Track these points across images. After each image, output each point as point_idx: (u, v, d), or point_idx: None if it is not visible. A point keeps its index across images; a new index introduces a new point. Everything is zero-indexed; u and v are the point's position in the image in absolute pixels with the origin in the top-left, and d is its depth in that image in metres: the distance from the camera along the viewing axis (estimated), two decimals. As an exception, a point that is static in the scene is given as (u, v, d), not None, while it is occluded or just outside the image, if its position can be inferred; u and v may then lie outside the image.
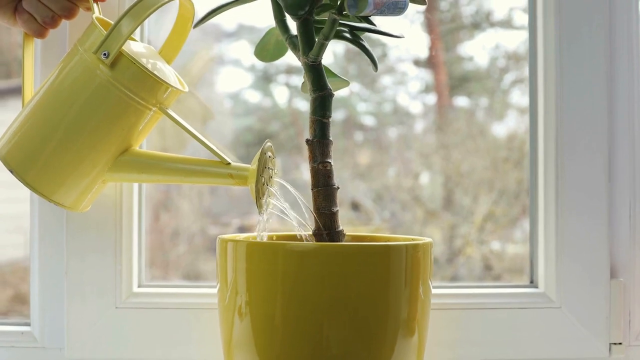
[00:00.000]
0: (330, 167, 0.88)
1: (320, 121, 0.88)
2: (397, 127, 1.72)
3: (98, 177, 0.99)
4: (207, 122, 1.53)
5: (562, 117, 1.13)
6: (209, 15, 0.91)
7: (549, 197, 1.14)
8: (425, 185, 1.70)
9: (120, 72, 0.93)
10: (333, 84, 0.92)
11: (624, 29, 1.14)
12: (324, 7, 0.84)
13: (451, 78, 1.70)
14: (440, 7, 1.71)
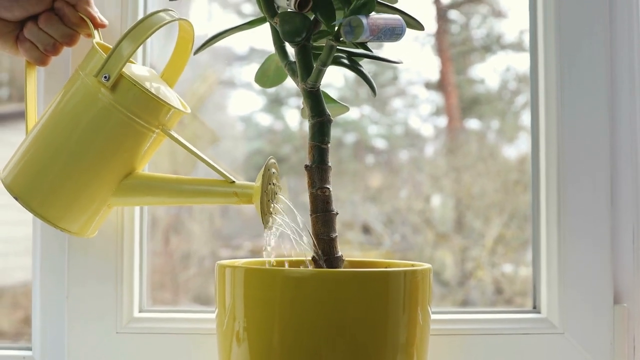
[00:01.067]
0: (329, 193, 0.88)
1: (319, 147, 0.88)
2: (408, 149, 1.72)
3: (103, 202, 0.99)
4: (213, 144, 1.54)
5: (564, 142, 1.12)
6: (208, 42, 0.91)
7: (551, 222, 1.14)
8: (436, 208, 1.70)
9: (122, 94, 0.93)
10: (332, 109, 0.92)
11: (625, 52, 1.14)
12: (321, 33, 0.85)
13: (462, 100, 1.70)
14: (451, 30, 1.72)
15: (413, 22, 0.89)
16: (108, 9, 1.11)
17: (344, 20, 0.79)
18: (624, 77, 1.14)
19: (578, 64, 1.12)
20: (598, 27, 1.13)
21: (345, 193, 1.66)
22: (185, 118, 1.02)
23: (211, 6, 1.63)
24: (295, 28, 0.82)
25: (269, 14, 0.85)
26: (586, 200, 1.11)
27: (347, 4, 0.82)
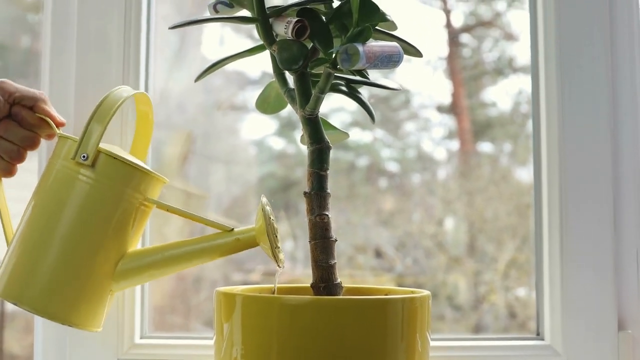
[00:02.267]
0: (327, 220, 0.88)
1: (317, 174, 0.88)
2: (421, 173, 1.72)
3: (105, 289, 0.96)
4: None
5: (566, 168, 1.12)
6: (209, 69, 0.92)
7: (554, 249, 1.13)
8: (448, 232, 1.69)
9: (102, 169, 0.93)
10: (332, 136, 0.92)
11: (627, 78, 1.14)
12: (319, 61, 0.85)
13: (474, 124, 1.70)
14: (463, 53, 1.72)
15: (411, 49, 0.89)
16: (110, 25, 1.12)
17: (340, 48, 0.80)
18: (627, 104, 1.13)
19: (579, 90, 1.12)
20: (599, 53, 1.12)
21: (357, 216, 1.66)
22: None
23: (223, 30, 1.64)
24: (292, 56, 0.83)
25: (268, 42, 0.86)
26: (589, 227, 1.11)
27: (344, 32, 0.82)
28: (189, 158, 1.61)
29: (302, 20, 0.83)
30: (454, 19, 1.67)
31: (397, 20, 1.60)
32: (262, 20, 0.85)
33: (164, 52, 1.64)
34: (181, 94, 1.61)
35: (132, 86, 1.13)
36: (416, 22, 1.63)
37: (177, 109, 1.66)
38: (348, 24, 0.81)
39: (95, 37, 1.11)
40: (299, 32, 0.83)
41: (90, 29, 1.12)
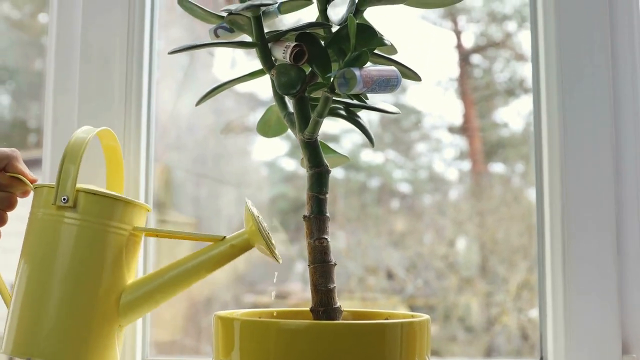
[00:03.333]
0: (326, 244, 0.87)
1: (316, 197, 0.88)
2: (432, 194, 1.72)
3: (112, 326, 0.96)
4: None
5: (568, 192, 1.11)
6: (210, 93, 0.92)
7: (556, 273, 1.12)
8: (460, 253, 1.68)
9: (85, 208, 0.93)
10: (331, 160, 0.92)
11: (630, 102, 1.13)
12: (317, 85, 0.85)
13: (486, 144, 1.69)
14: (474, 74, 1.71)
15: (410, 73, 0.89)
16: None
17: (338, 73, 0.80)
18: (629, 126, 1.12)
19: (581, 112, 1.12)
20: (601, 79, 1.12)
21: (368, 237, 1.66)
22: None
23: (235, 53, 1.65)
24: (290, 80, 0.83)
25: (267, 66, 0.86)
26: (592, 250, 1.10)
27: (342, 57, 0.82)
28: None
29: (300, 44, 0.83)
30: (465, 39, 1.68)
31: (407, 41, 1.61)
32: (261, 45, 0.86)
33: (174, 74, 1.65)
34: (192, 116, 1.61)
35: (134, 108, 1.14)
36: (427, 43, 1.63)
37: (187, 131, 1.66)
38: (346, 48, 0.82)
39: (97, 59, 1.12)
40: (297, 56, 0.83)
41: (93, 51, 1.13)
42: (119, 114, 1.12)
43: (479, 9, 1.67)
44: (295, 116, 0.87)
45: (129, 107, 1.13)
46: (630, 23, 1.14)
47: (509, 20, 1.64)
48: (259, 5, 0.82)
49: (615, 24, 1.14)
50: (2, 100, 1.68)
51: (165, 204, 1.65)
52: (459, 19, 1.68)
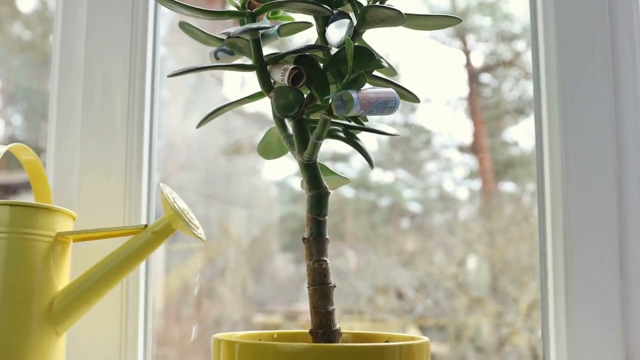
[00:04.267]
0: (325, 266, 0.87)
1: (316, 219, 0.88)
2: (443, 213, 1.71)
3: (49, 334, 0.96)
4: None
5: (570, 213, 1.11)
6: (211, 115, 0.93)
7: (559, 295, 1.11)
8: (470, 272, 1.67)
9: (4, 220, 0.94)
10: (331, 181, 0.92)
11: (632, 125, 1.12)
12: (315, 107, 0.85)
13: (496, 163, 1.69)
14: (483, 93, 1.71)
15: (408, 95, 0.89)
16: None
17: (335, 95, 0.80)
18: (631, 148, 1.12)
19: (583, 133, 1.11)
20: (602, 106, 1.11)
21: (377, 257, 1.65)
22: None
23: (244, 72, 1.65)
24: (288, 103, 0.83)
25: (266, 89, 0.86)
26: (594, 273, 1.09)
27: (340, 79, 0.82)
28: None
29: (298, 67, 0.83)
30: (474, 59, 1.67)
31: (416, 61, 1.61)
32: (260, 67, 0.86)
33: (184, 93, 1.66)
34: (202, 135, 1.62)
35: (136, 126, 1.14)
36: (436, 62, 1.63)
37: (198, 150, 1.67)
38: (344, 70, 0.82)
39: (101, 80, 1.13)
40: (295, 79, 0.83)
41: (95, 72, 1.13)
42: (122, 136, 1.12)
43: (488, 29, 1.67)
44: (294, 138, 0.87)
45: (132, 128, 1.13)
46: (632, 50, 1.13)
47: (518, 39, 1.64)
48: (257, 28, 0.82)
49: (616, 52, 1.13)
50: (14, 121, 1.70)
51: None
52: (468, 38, 1.68)
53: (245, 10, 0.86)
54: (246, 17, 0.86)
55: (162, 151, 1.69)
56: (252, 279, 1.67)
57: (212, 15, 0.86)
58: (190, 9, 0.85)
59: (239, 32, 0.82)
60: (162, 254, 1.70)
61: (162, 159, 1.69)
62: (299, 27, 0.91)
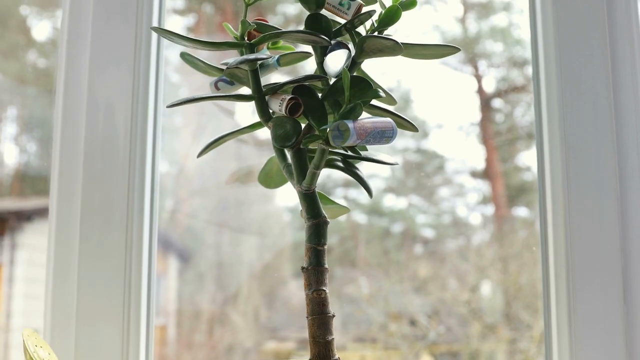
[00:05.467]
0: (324, 295, 0.87)
1: (315, 249, 0.88)
2: (456, 239, 1.71)
3: None
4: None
5: (573, 253, 1.10)
6: (211, 144, 0.93)
7: (562, 330, 1.10)
8: (483, 298, 1.67)
9: None
10: (330, 210, 0.92)
11: (635, 156, 1.12)
12: (313, 137, 0.85)
13: (509, 188, 1.68)
14: (496, 119, 1.71)
15: (406, 124, 0.89)
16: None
17: (332, 125, 0.80)
18: (635, 180, 1.11)
19: (584, 161, 1.10)
20: (604, 138, 1.11)
21: (390, 283, 1.65)
22: None
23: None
24: (285, 133, 0.83)
25: (264, 119, 0.87)
26: (598, 306, 1.08)
27: (337, 109, 0.82)
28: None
29: (296, 97, 0.83)
30: (486, 84, 1.68)
31: (428, 87, 1.61)
32: (258, 98, 0.86)
33: (198, 119, 1.67)
34: (214, 161, 1.63)
35: (139, 161, 1.14)
36: (448, 88, 1.63)
37: (211, 176, 1.68)
38: (341, 100, 0.82)
39: (104, 110, 1.14)
40: (293, 109, 0.84)
41: (99, 101, 1.14)
42: (124, 167, 1.13)
43: (500, 54, 1.67)
44: (293, 168, 0.87)
45: (133, 159, 1.13)
46: (633, 71, 1.13)
47: (529, 64, 1.64)
48: (253, 59, 0.83)
49: (616, 70, 1.13)
50: (29, 148, 1.71)
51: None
52: (479, 64, 1.68)
53: (244, 41, 0.86)
54: (245, 48, 0.86)
55: (175, 178, 1.70)
56: (265, 305, 1.67)
57: (210, 47, 0.87)
58: (189, 40, 0.86)
59: (236, 63, 0.82)
60: (174, 282, 1.71)
61: (174, 185, 1.69)
62: (299, 57, 0.91)
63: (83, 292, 1.10)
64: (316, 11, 0.87)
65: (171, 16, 1.73)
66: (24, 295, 1.53)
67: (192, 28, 1.73)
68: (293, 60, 0.91)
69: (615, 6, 1.15)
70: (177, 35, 0.85)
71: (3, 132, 1.70)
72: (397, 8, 0.87)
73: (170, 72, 1.65)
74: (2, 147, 1.68)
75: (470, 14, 1.68)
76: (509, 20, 1.59)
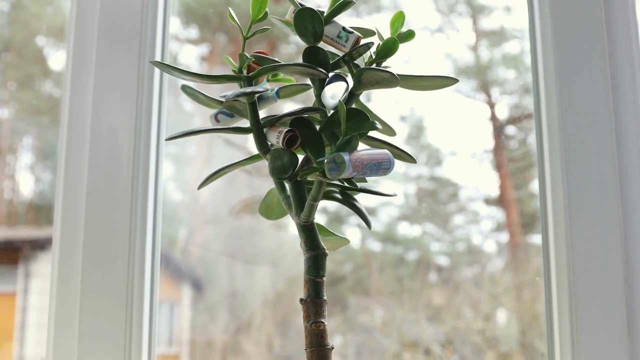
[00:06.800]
0: (323, 327, 0.87)
1: (313, 280, 0.88)
2: (470, 266, 1.70)
3: None
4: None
5: (576, 290, 1.09)
6: (211, 177, 0.93)
7: (565, 349, 1.09)
8: (498, 326, 1.65)
9: None
10: (330, 242, 0.92)
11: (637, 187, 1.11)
12: (310, 169, 0.85)
13: (523, 216, 1.67)
14: (509, 146, 1.70)
15: (404, 156, 0.89)
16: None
17: (328, 157, 0.80)
18: (637, 212, 1.10)
19: (587, 204, 1.10)
20: (605, 155, 1.10)
21: (403, 312, 1.64)
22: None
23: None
24: (282, 165, 0.84)
25: (263, 151, 0.87)
26: (602, 346, 1.07)
27: (334, 141, 0.83)
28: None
29: (293, 130, 0.84)
30: (499, 111, 1.67)
31: (441, 114, 1.61)
32: (257, 130, 0.87)
33: (210, 148, 1.68)
34: (227, 190, 1.63)
35: (141, 191, 1.14)
36: (461, 115, 1.63)
37: (224, 205, 1.68)
38: (338, 132, 0.82)
39: (107, 139, 1.14)
40: (290, 141, 0.84)
41: (102, 130, 1.15)
42: (126, 197, 1.13)
43: (512, 81, 1.67)
44: (291, 199, 0.88)
45: (136, 188, 1.14)
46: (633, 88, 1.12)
47: (542, 91, 1.63)
48: (250, 93, 0.83)
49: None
50: (44, 177, 1.73)
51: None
52: (492, 91, 1.68)
53: (242, 75, 0.87)
54: (243, 81, 0.87)
55: (188, 207, 1.71)
56: (278, 333, 1.67)
57: (209, 80, 0.88)
58: (188, 73, 0.87)
59: (233, 96, 0.83)
60: (187, 310, 1.71)
61: (187, 214, 1.70)
62: (298, 89, 0.91)
63: (85, 326, 1.10)
64: (314, 44, 0.87)
65: (185, 45, 1.75)
66: (38, 324, 1.54)
67: (206, 57, 1.75)
68: (292, 93, 0.92)
69: (615, 32, 1.15)
70: (176, 68, 0.86)
71: (19, 161, 1.72)
72: (394, 40, 0.87)
73: (185, 102, 1.67)
74: (17, 176, 1.69)
75: (483, 41, 1.68)
76: (520, 48, 1.59)
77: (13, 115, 1.69)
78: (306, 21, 0.86)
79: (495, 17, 1.67)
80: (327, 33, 0.88)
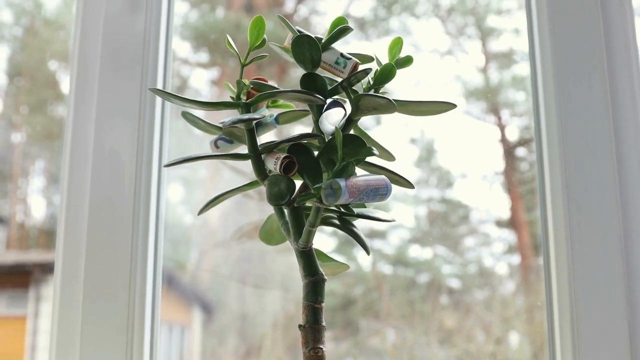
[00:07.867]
0: (321, 353, 0.87)
1: (312, 306, 0.88)
2: (482, 289, 1.69)
3: None
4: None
5: (579, 314, 1.08)
6: (211, 202, 0.94)
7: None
8: (509, 349, 1.64)
9: None
10: (329, 268, 0.92)
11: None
12: (307, 195, 0.85)
13: (534, 238, 1.66)
14: (520, 167, 1.70)
15: (402, 181, 0.89)
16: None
17: (325, 183, 0.80)
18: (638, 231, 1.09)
19: (590, 228, 1.09)
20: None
21: (414, 335, 1.64)
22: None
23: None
24: (279, 192, 0.84)
25: (261, 177, 0.87)
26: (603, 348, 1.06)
27: (331, 167, 0.83)
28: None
29: (290, 156, 0.84)
30: (509, 133, 1.67)
31: (452, 136, 1.61)
32: (255, 156, 0.87)
33: (220, 172, 1.68)
34: (237, 213, 1.64)
35: (142, 209, 1.14)
36: (471, 137, 1.63)
37: (234, 228, 1.69)
38: (335, 158, 0.82)
39: (109, 161, 1.15)
40: (287, 168, 0.84)
41: (105, 150, 1.15)
42: (128, 222, 1.14)
43: (522, 103, 1.66)
44: (289, 225, 0.88)
45: (137, 211, 1.14)
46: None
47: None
48: (247, 119, 0.83)
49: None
50: (55, 201, 1.74)
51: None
52: (502, 113, 1.68)
53: (240, 101, 0.87)
54: (241, 107, 0.87)
55: (199, 230, 1.71)
56: (289, 357, 1.67)
57: (207, 107, 0.88)
58: (186, 100, 0.87)
59: (230, 122, 0.83)
60: (198, 334, 1.71)
61: (198, 237, 1.70)
62: (297, 115, 0.92)
63: (86, 351, 1.10)
64: (312, 70, 0.87)
65: (195, 69, 1.76)
66: (48, 348, 1.55)
67: (216, 81, 1.76)
68: (291, 119, 0.92)
69: (615, 55, 1.14)
70: (174, 95, 0.87)
71: (31, 184, 1.73)
72: (392, 66, 0.87)
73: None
74: (29, 200, 1.71)
75: (492, 63, 1.68)
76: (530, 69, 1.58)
77: (25, 139, 1.71)
78: (304, 48, 0.87)
79: (504, 39, 1.67)
80: (325, 59, 0.88)
